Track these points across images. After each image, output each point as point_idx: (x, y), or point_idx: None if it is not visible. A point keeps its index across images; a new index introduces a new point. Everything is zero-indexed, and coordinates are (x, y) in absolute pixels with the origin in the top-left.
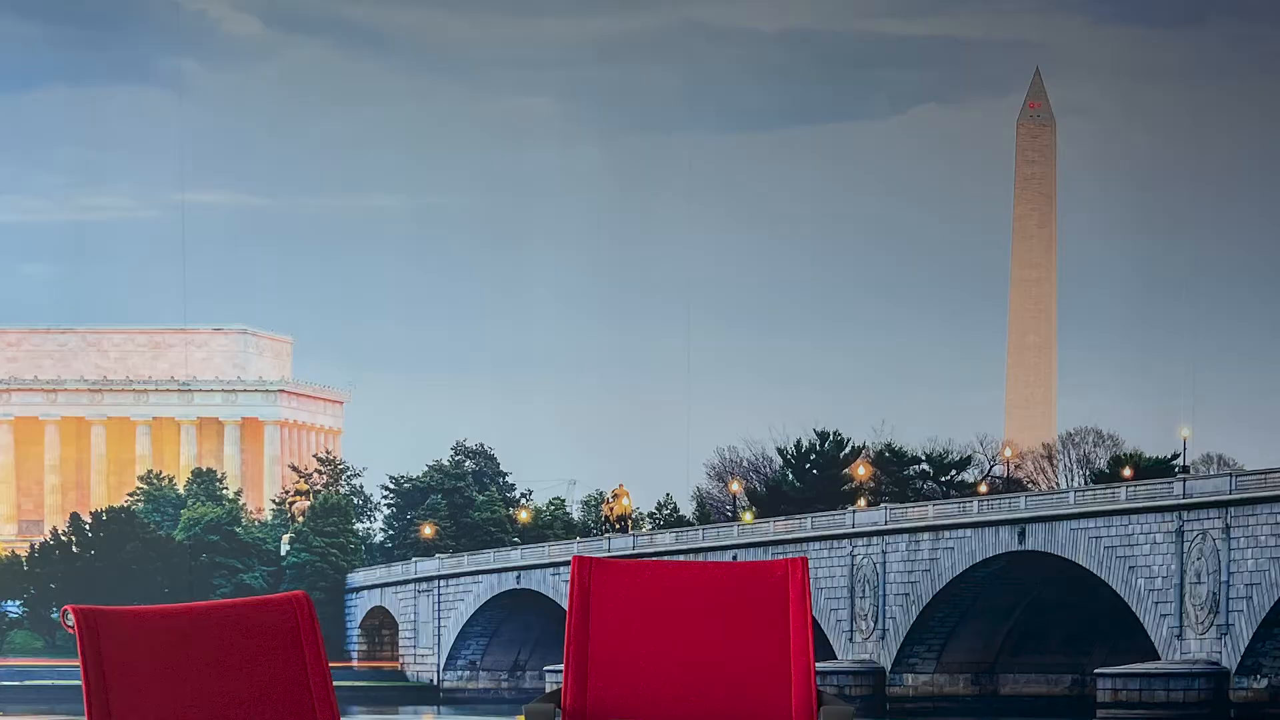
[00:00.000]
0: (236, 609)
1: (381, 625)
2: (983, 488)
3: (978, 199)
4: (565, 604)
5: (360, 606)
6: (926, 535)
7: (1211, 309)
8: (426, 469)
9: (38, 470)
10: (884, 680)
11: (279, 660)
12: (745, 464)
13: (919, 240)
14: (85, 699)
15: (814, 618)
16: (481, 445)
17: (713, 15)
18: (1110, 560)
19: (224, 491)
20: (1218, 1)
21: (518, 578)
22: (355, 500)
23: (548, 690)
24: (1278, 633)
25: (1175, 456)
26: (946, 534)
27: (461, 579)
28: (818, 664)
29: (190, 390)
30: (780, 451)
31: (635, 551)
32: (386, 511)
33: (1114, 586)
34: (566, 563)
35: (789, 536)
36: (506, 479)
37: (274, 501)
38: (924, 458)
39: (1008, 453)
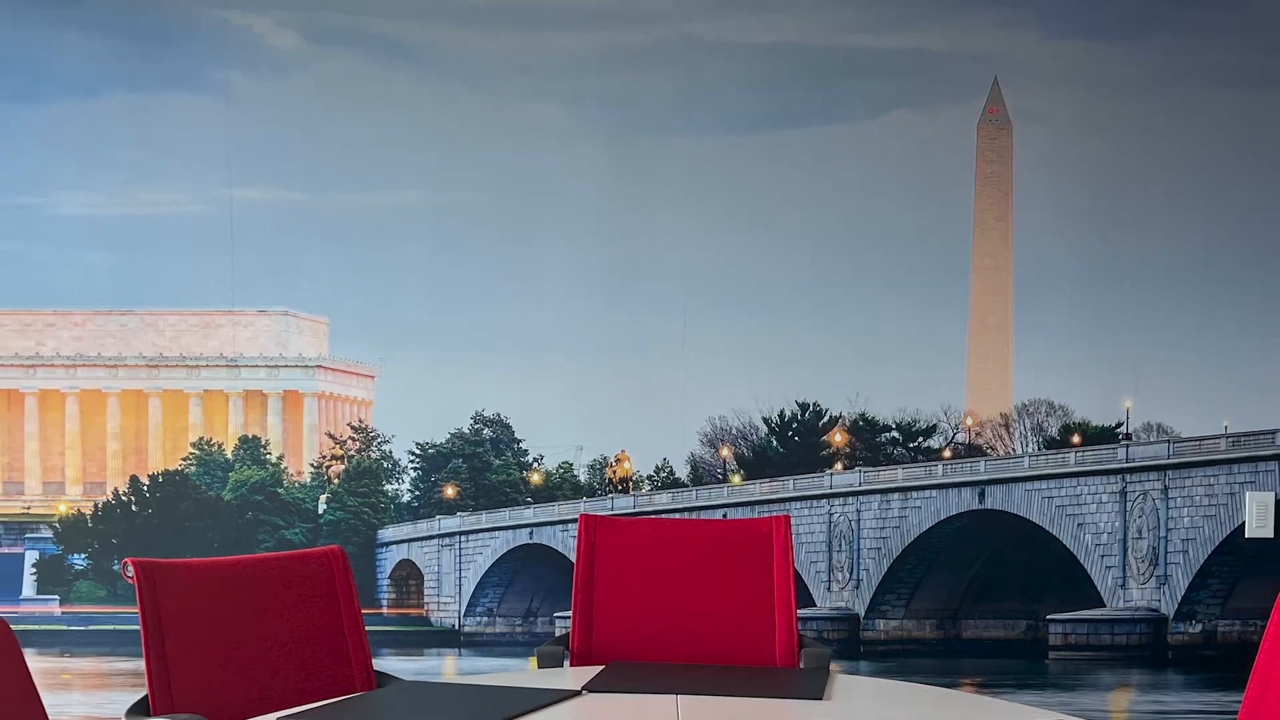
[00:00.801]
0: (279, 561)
1: (409, 576)
2: (947, 453)
3: (943, 195)
4: (573, 557)
5: (389, 559)
6: (896, 495)
7: (1153, 294)
8: (449, 436)
9: (101, 437)
10: (858, 625)
11: (317, 607)
12: (734, 431)
13: (891, 231)
14: (144, 642)
15: (795, 569)
16: (498, 415)
17: (707, 30)
18: (1061, 518)
19: (267, 456)
20: (1159, 19)
21: (530, 534)
22: (385, 464)
23: (557, 634)
24: (1211, 583)
25: (1119, 425)
26: (914, 494)
27: (480, 535)
28: (799, 611)
29: (237, 366)
30: (765, 420)
31: (636, 510)
32: (413, 474)
33: (1064, 541)
34: (574, 520)
35: (773, 496)
36: (520, 445)
37: (312, 465)
38: (894, 426)
39: (969, 421)
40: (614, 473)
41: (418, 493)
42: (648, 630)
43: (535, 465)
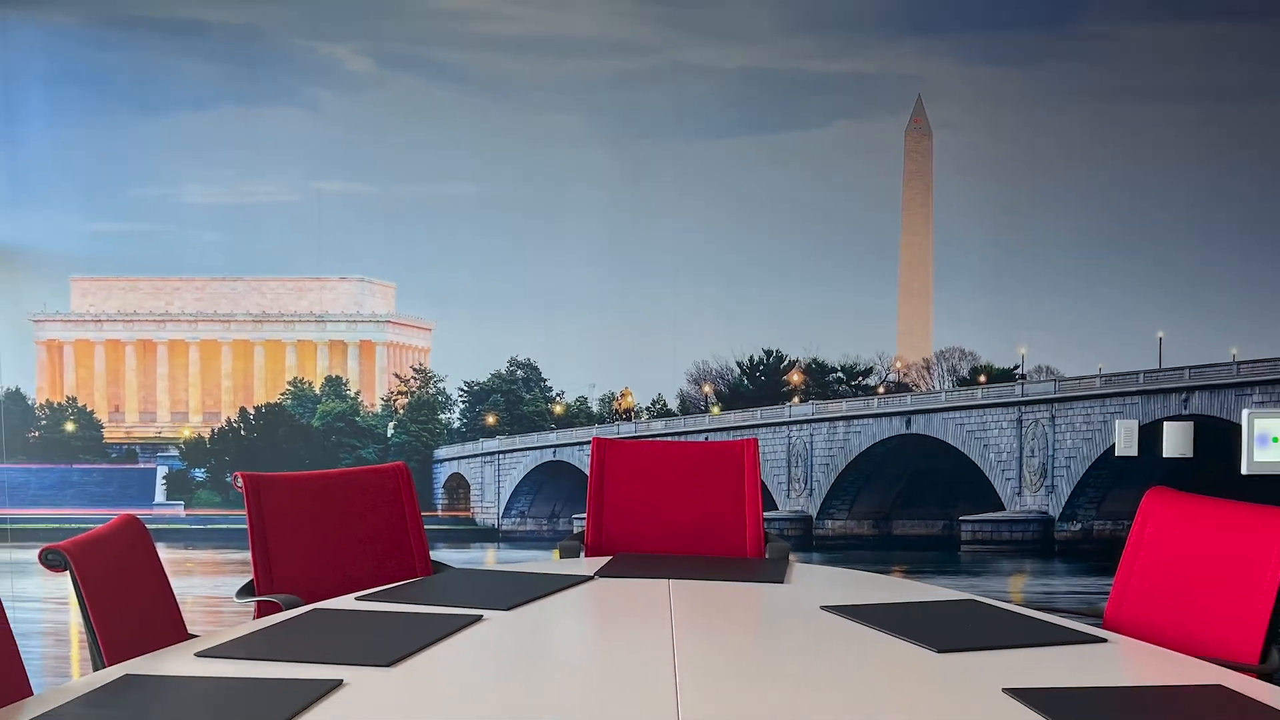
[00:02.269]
0: (356, 475)
1: (458, 486)
2: (881, 389)
3: (877, 187)
4: (588, 471)
5: (443, 473)
6: (841, 423)
7: (1043, 265)
8: (490, 376)
9: (216, 377)
10: (811, 525)
11: (386, 511)
12: (714, 372)
13: (837, 216)
14: (250, 539)
15: (762, 481)
16: (529, 359)
17: (692, 57)
18: (970, 441)
19: (347, 392)
20: (1049, 50)
21: (554, 453)
22: (439, 398)
23: (575, 532)
24: (1088, 491)
25: (1016, 367)
26: (855, 422)
27: (514, 454)
28: (765, 513)
29: (324, 321)
30: (738, 364)
31: (636, 434)
32: (461, 406)
33: (973, 459)
34: (588, 442)
35: (745, 424)
36: (546, 383)
37: (382, 399)
38: (839, 368)
39: (898, 364)
40: (619, 405)
41: (465, 420)
42: (646, 528)
43: (558, 399)
